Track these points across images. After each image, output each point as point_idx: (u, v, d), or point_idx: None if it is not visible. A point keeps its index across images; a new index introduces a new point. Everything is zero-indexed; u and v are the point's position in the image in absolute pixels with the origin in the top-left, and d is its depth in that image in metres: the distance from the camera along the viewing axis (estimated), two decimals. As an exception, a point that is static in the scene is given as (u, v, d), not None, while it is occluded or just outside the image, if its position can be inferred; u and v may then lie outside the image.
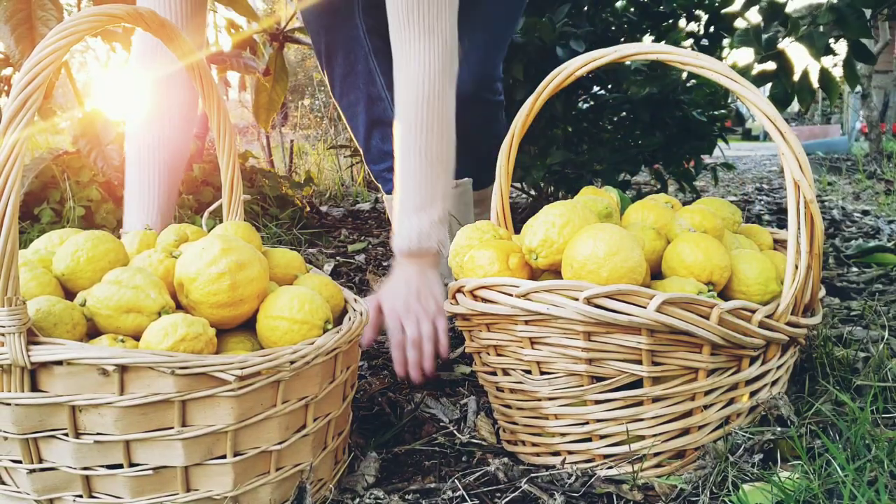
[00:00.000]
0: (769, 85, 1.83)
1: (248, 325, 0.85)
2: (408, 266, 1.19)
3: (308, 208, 2.62)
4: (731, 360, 0.88)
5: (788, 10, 1.81)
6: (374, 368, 1.32)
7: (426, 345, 1.13)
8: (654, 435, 0.87)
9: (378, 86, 1.59)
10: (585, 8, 2.13)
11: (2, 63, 2.07)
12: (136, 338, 0.77)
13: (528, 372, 0.91)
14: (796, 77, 1.76)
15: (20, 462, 0.72)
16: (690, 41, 2.29)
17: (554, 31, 1.94)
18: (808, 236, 0.87)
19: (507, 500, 0.85)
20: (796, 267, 0.87)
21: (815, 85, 1.76)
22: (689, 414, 0.88)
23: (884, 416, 1.01)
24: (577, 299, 0.81)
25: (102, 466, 0.72)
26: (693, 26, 2.28)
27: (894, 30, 6.31)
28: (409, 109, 1.19)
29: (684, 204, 1.14)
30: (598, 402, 0.87)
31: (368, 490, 0.87)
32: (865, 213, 3.02)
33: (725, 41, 2.22)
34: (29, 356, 0.67)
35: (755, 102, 0.86)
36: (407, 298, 1.15)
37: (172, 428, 0.71)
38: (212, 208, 1.08)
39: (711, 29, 2.22)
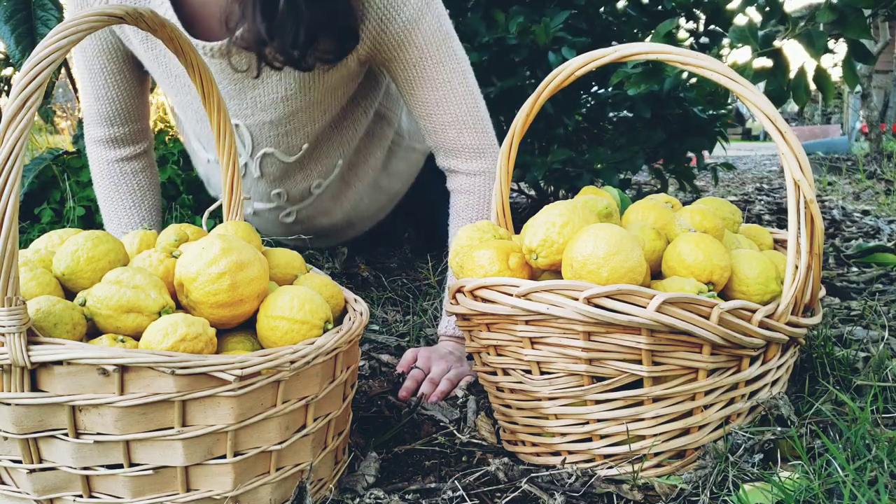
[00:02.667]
0: (764, 82, 1.83)
1: (248, 325, 0.85)
2: (449, 342, 1.29)
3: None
4: (731, 360, 0.88)
5: (787, 9, 1.81)
6: (374, 370, 1.32)
7: (443, 383, 1.18)
8: (655, 435, 0.87)
9: None
10: (583, 4, 2.13)
11: (1, 63, 2.07)
12: (137, 338, 0.77)
13: (528, 372, 0.91)
14: (792, 75, 1.75)
15: (20, 462, 0.72)
16: (691, 40, 2.29)
17: (548, 35, 1.93)
18: (808, 236, 0.87)
19: (507, 500, 0.85)
20: (796, 267, 0.87)
21: (812, 84, 1.76)
22: (689, 414, 0.88)
23: (884, 416, 1.01)
24: (577, 299, 0.81)
25: (102, 466, 0.72)
26: (692, 25, 2.28)
27: (894, 30, 6.30)
28: (466, 218, 1.32)
29: (684, 204, 1.14)
30: (598, 402, 0.87)
31: (368, 490, 0.87)
32: (865, 213, 3.02)
33: (725, 40, 2.22)
34: (29, 356, 0.67)
35: (755, 102, 0.86)
36: (446, 355, 1.25)
37: (172, 428, 0.71)
38: (212, 208, 1.08)
39: (711, 27, 2.22)
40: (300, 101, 1.31)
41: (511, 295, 0.86)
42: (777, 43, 1.75)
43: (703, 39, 2.26)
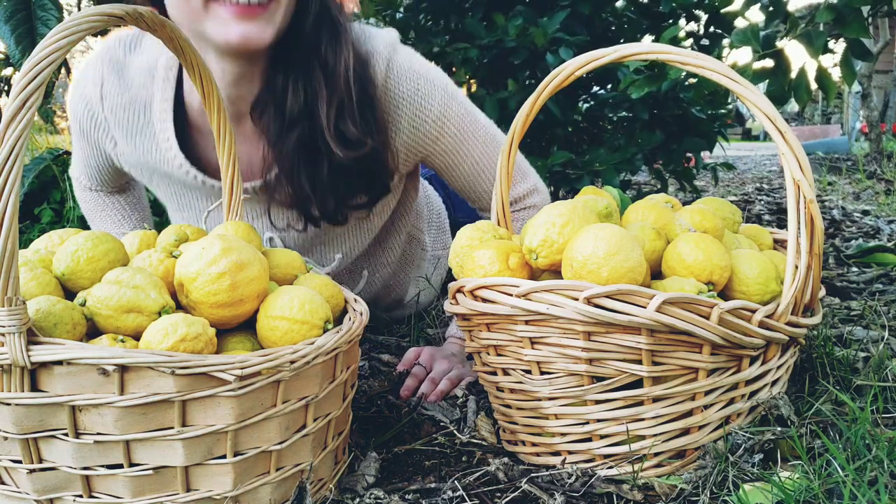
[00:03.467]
0: (766, 82, 1.83)
1: (248, 325, 0.85)
2: (455, 344, 1.31)
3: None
4: (731, 360, 0.88)
5: (789, 8, 1.81)
6: (374, 370, 1.32)
7: (443, 383, 1.18)
8: (655, 435, 0.87)
9: None
10: (586, 13, 2.13)
11: (2, 63, 2.07)
12: (137, 338, 0.77)
13: (528, 372, 0.91)
14: (793, 75, 1.75)
15: (20, 462, 0.72)
16: (690, 41, 2.29)
17: (545, 37, 1.93)
18: (808, 236, 0.87)
19: (507, 500, 0.85)
20: (796, 267, 0.87)
21: (813, 84, 1.76)
22: (689, 414, 0.88)
23: (884, 416, 1.01)
24: (577, 299, 0.81)
25: (102, 466, 0.72)
26: (693, 26, 2.28)
27: (894, 29, 6.30)
28: None
29: (684, 204, 1.14)
30: (598, 402, 0.87)
31: (368, 490, 0.87)
32: (865, 213, 3.02)
33: (725, 41, 2.22)
34: (29, 356, 0.67)
35: (755, 102, 0.86)
36: (449, 356, 1.26)
37: (172, 428, 0.71)
38: (212, 208, 1.08)
39: (711, 29, 2.22)
40: None
41: (511, 295, 0.86)
42: (778, 44, 1.75)
43: (703, 42, 2.26)
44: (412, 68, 1.20)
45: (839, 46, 1.77)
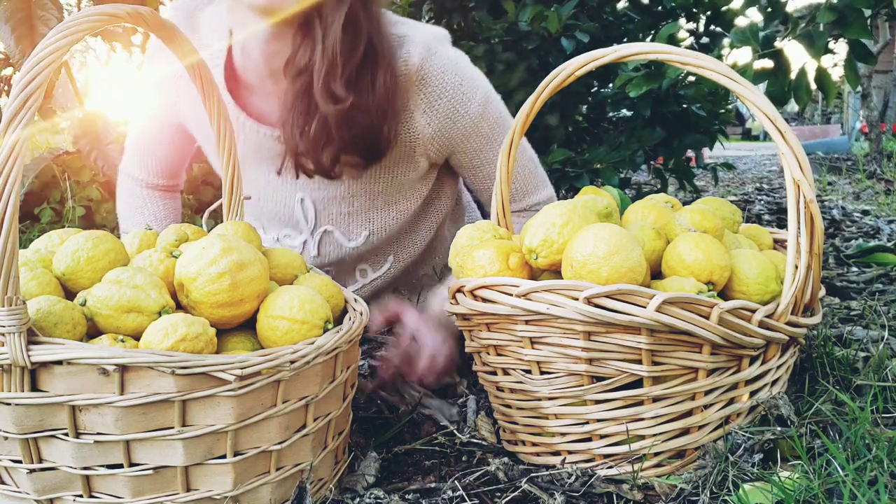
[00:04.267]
0: (766, 83, 1.83)
1: (248, 325, 0.85)
2: (436, 303, 1.24)
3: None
4: (731, 360, 0.88)
5: (788, 9, 1.81)
6: (374, 369, 1.32)
7: (440, 359, 1.13)
8: (654, 435, 0.87)
9: None
10: (594, 4, 2.14)
11: (2, 63, 2.07)
12: (137, 338, 0.77)
13: (528, 372, 0.91)
14: (793, 75, 1.75)
15: (20, 462, 0.72)
16: (691, 39, 2.29)
17: (560, 22, 1.95)
18: (808, 236, 0.87)
19: (507, 500, 0.85)
20: (796, 267, 0.87)
21: (812, 84, 1.76)
22: (689, 414, 0.88)
23: (884, 415, 1.01)
24: (577, 299, 0.81)
25: (102, 466, 0.72)
26: (693, 25, 2.28)
27: (894, 30, 6.30)
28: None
29: (684, 204, 1.14)
30: (598, 401, 0.87)
31: (368, 490, 0.87)
32: (865, 213, 3.02)
33: (725, 40, 2.22)
34: (29, 356, 0.67)
35: (755, 102, 0.86)
36: (436, 322, 1.18)
37: (172, 428, 0.71)
38: (212, 208, 1.08)
39: (712, 27, 2.22)
40: (360, 186, 1.34)
41: (511, 295, 0.86)
42: (778, 44, 1.75)
43: (704, 39, 2.26)
44: (459, 64, 1.26)
45: (840, 47, 1.77)
